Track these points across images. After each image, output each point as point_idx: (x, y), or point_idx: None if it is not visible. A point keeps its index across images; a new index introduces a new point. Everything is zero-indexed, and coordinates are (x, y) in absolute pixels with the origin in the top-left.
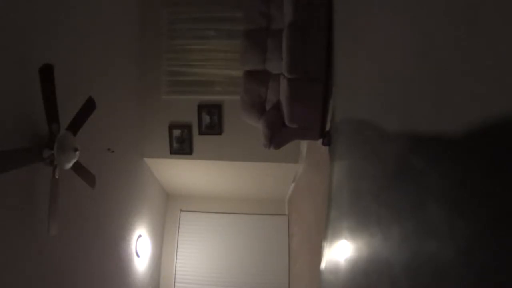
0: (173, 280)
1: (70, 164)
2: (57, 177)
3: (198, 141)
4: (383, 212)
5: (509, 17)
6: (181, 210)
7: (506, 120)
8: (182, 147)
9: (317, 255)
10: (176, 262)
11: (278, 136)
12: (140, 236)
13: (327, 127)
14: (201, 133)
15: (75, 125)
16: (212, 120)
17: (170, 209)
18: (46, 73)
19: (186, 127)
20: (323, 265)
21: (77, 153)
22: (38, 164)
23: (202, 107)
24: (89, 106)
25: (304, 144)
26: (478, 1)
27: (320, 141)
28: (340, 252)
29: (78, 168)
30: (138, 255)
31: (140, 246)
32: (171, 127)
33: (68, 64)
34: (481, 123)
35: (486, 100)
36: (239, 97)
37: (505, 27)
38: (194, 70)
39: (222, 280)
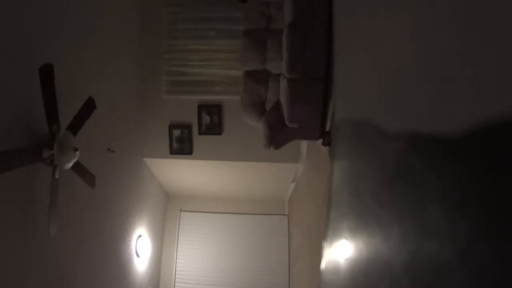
0: (173, 280)
1: (70, 164)
2: (57, 177)
3: (198, 141)
4: (383, 212)
5: (510, 16)
6: (181, 210)
7: (506, 120)
8: (182, 147)
9: (317, 255)
10: (176, 262)
11: (278, 136)
12: (140, 236)
13: (327, 127)
14: (201, 133)
15: (75, 125)
16: (212, 120)
17: (170, 209)
18: (46, 73)
19: (186, 127)
20: (323, 265)
21: (77, 153)
22: (38, 164)
23: (202, 107)
24: (89, 106)
25: (304, 144)
26: (478, 1)
27: (320, 141)
28: (340, 252)
29: (78, 168)
30: (138, 255)
31: (140, 246)
32: (171, 127)
33: (68, 64)
34: (481, 123)
35: (486, 100)
36: (239, 97)
37: (505, 26)
38: (194, 70)
39: (222, 280)
